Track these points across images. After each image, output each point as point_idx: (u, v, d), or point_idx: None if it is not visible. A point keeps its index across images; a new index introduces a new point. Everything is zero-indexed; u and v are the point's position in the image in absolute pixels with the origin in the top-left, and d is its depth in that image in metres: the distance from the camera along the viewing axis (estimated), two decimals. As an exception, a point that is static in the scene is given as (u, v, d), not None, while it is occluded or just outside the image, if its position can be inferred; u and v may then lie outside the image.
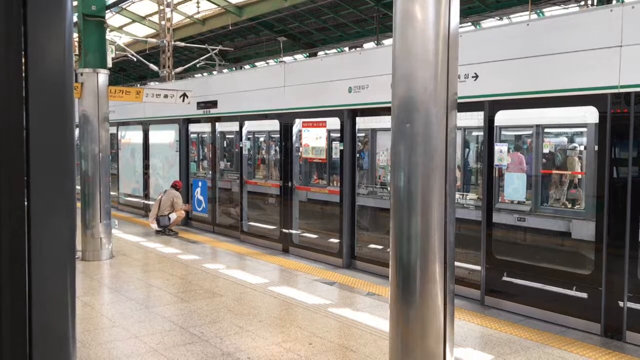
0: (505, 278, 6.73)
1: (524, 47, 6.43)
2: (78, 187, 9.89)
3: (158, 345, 5.37)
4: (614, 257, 5.71)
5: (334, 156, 11.97)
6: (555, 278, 6.33)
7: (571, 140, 11.31)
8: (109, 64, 10.06)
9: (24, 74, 1.15)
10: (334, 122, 9.25)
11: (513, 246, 8.72)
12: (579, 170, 10.43)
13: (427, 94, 3.71)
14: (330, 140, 10.75)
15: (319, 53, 26.34)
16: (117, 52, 22.23)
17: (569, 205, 10.45)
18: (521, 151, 10.88)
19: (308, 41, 27.39)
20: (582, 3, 17.59)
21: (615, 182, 5.71)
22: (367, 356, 5.15)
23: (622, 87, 5.57)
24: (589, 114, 6.97)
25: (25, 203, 1.16)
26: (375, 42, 22.81)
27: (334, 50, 26.16)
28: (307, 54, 27.44)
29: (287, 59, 26.59)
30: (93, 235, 9.18)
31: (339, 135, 9.18)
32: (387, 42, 19.51)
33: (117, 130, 16.15)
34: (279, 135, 10.75)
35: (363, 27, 24.18)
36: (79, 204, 9.83)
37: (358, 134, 9.48)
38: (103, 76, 9.37)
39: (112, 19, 26.93)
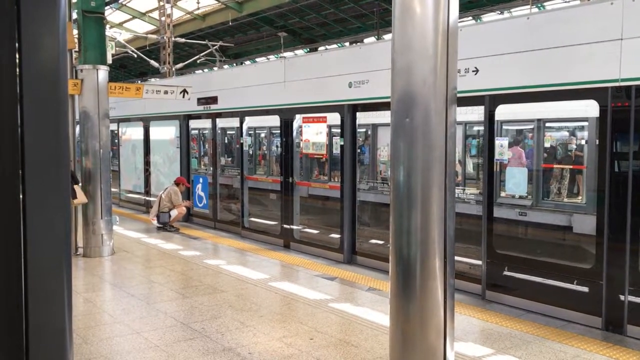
0: (506, 272, 6.73)
1: (525, 41, 6.41)
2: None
3: (159, 341, 5.38)
4: (615, 251, 5.70)
5: (334, 151, 11.95)
6: (557, 272, 6.33)
7: (572, 134, 11.29)
8: (109, 60, 10.05)
9: (18, 71, 1.15)
10: (334, 118, 9.24)
11: (514, 240, 8.71)
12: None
13: (426, 88, 3.69)
14: (330, 135, 10.73)
15: (319, 48, 26.29)
16: (117, 49, 22.24)
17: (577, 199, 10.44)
18: (522, 145, 10.86)
19: (309, 36, 27.33)
20: (583, -4, 17.51)
21: (616, 176, 5.70)
22: (367, 351, 5.16)
23: (622, 80, 5.55)
24: (591, 108, 6.95)
25: (21, 198, 1.16)
26: (376, 36, 22.76)
27: (335, 46, 26.10)
28: (308, 49, 27.38)
29: (287, 54, 26.55)
30: (94, 231, 9.19)
31: (339, 130, 9.17)
32: (388, 36, 19.46)
33: (118, 127, 16.15)
34: (279, 131, 10.74)
35: (363, 22, 24.12)
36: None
37: (359, 129, 9.47)
38: (103, 72, 9.35)
39: (112, 15, 26.89)
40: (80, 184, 8.99)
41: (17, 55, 1.16)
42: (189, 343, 5.34)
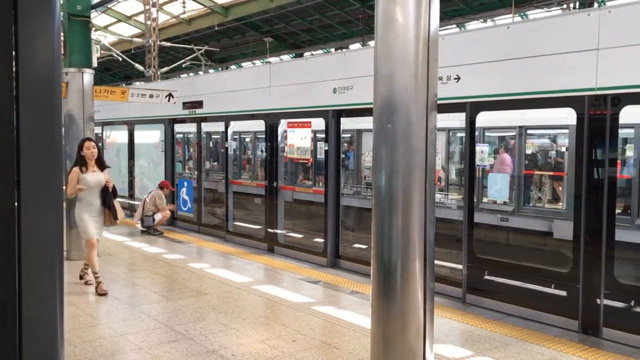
0: (486, 276, 6.85)
1: (505, 50, 6.55)
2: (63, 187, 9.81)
3: (143, 343, 5.41)
4: (591, 255, 5.84)
5: (319, 156, 12.04)
6: (535, 276, 6.45)
7: (554, 141, 11.49)
8: (94, 63, 10.06)
9: (14, 74, 1.19)
10: (319, 123, 9.33)
11: (495, 245, 8.85)
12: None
13: (407, 94, 3.79)
14: (315, 140, 10.81)
15: (305, 54, 26.39)
16: (102, 52, 22.14)
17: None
18: (502, 152, 11.02)
19: (294, 42, 27.43)
20: (565, 6, 17.82)
21: (592, 182, 5.85)
22: (349, 353, 5.23)
23: (599, 89, 5.71)
24: (570, 116, 7.11)
25: (16, 198, 1.20)
26: (361, 43, 22.92)
27: (321, 51, 26.23)
28: (294, 54, 27.48)
29: (273, 59, 26.62)
30: (78, 235, 9.13)
31: (324, 135, 9.25)
32: (373, 43, 19.58)
33: (102, 130, 16.10)
34: (264, 136, 10.80)
35: (349, 28, 24.27)
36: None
37: (344, 135, 9.55)
38: (88, 76, 9.36)
39: (98, 18, 26.77)
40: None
41: (14, 59, 1.19)
42: (173, 345, 5.37)
